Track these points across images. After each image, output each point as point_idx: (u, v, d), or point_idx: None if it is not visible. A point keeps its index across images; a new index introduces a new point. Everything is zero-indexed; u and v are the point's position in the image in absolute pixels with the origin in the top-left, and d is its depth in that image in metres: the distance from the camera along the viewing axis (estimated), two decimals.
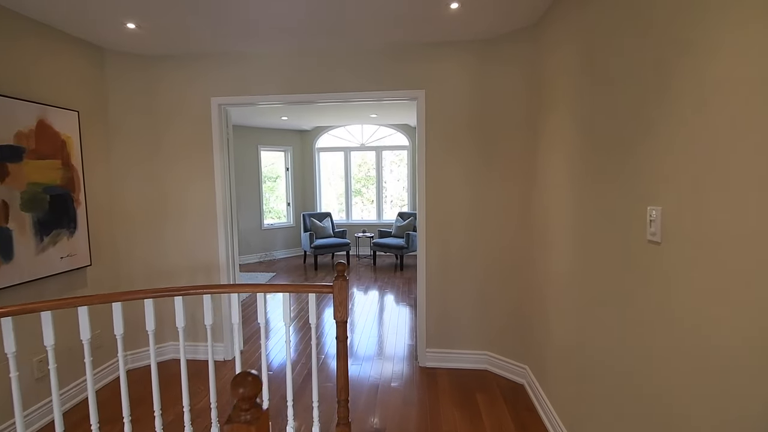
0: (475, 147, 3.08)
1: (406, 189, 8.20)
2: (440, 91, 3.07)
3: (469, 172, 3.11)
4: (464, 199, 3.13)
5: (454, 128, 3.09)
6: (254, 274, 6.49)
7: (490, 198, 3.08)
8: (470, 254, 3.16)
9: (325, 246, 6.83)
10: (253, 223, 7.48)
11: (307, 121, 6.96)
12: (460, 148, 3.10)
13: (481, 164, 3.09)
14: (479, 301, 3.17)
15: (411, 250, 6.78)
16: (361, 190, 8.34)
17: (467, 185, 3.12)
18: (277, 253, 7.83)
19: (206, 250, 3.38)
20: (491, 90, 2.99)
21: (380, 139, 7.95)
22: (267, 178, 7.95)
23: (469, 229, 3.14)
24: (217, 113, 3.26)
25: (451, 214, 3.16)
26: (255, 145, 7.44)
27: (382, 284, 5.89)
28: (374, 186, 8.17)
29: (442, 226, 3.18)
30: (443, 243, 3.19)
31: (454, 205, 3.15)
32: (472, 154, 3.09)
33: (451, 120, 3.08)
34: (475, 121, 3.06)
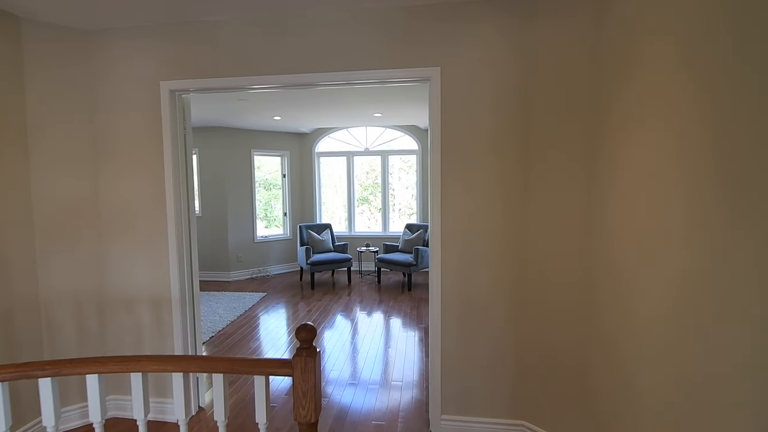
0: (511, 143, 2.28)
1: (415, 197, 7.41)
2: (462, 66, 2.28)
3: (502, 177, 2.31)
4: (494, 215, 2.33)
5: (480, 117, 2.29)
6: (243, 294, 5.73)
7: (532, 214, 2.27)
8: (502, 288, 2.34)
9: (323, 262, 6.05)
10: (244, 235, 6.75)
11: (304, 122, 6.24)
12: (491, 144, 2.30)
13: (520, 167, 2.29)
14: (514, 353, 2.35)
15: (421, 267, 5.96)
16: (368, 197, 7.57)
17: (499, 196, 2.32)
18: (273, 268, 7.08)
19: (153, 276, 2.61)
20: (537, 58, 2.19)
21: (386, 142, 7.20)
22: (271, 185, 7.23)
23: (501, 254, 2.33)
24: (168, 101, 2.51)
25: (475, 235, 2.36)
26: (247, 149, 6.73)
27: (387, 306, 5.08)
28: (380, 194, 7.39)
29: (464, 250, 2.38)
30: (464, 272, 2.38)
31: (479, 222, 2.35)
32: (507, 153, 2.29)
33: (476, 105, 2.29)
34: (513, 106, 2.26)
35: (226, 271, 6.61)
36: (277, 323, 4.60)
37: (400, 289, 6.01)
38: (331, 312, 4.96)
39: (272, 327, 4.47)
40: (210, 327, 4.42)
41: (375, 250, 6.54)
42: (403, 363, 3.50)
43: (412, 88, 4.08)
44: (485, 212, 2.34)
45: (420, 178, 7.09)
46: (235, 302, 5.35)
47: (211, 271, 6.66)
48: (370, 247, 6.61)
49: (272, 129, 6.79)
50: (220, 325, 4.47)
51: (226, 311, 4.96)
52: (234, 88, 2.52)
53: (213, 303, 5.31)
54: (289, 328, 4.40)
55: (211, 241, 6.60)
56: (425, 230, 6.33)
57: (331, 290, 6.01)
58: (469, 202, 2.36)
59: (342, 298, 5.56)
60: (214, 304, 5.24)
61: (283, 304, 5.32)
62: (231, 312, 4.94)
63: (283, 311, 5.03)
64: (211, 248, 6.62)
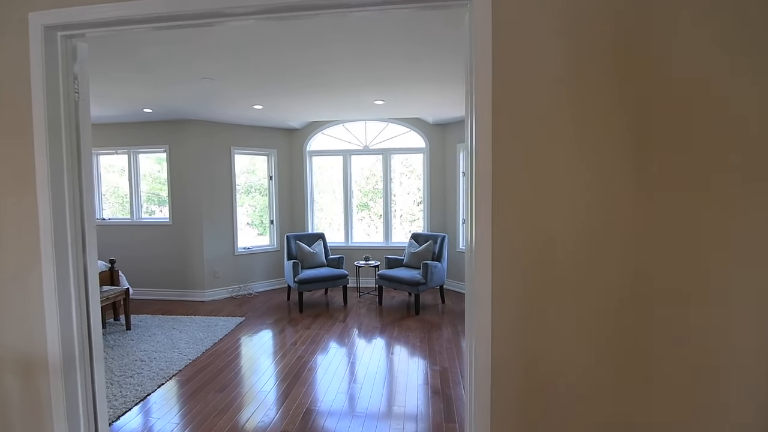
0: (617, 99, 1.32)
1: (419, 204, 6.44)
2: None
3: (605, 155, 1.35)
4: (586, 219, 1.37)
5: (565, 60, 1.34)
6: (215, 320, 4.74)
7: (662, 218, 1.31)
8: (605, 347, 1.37)
9: (314, 280, 5.07)
10: (223, 247, 5.77)
11: (291, 113, 5.29)
12: (581, 99, 1.34)
13: (637, 138, 1.33)
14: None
15: (430, 285, 4.98)
16: (368, 204, 6.61)
17: (598, 187, 1.36)
18: (257, 285, 6.09)
19: (22, 329, 1.64)
20: None
21: (388, 139, 6.25)
22: (257, 189, 6.27)
23: (602, 280, 1.36)
24: (40, 47, 1.56)
25: (550, 250, 1.40)
26: (227, 146, 5.78)
27: (390, 336, 4.10)
28: (381, 200, 6.43)
29: (529, 274, 1.41)
30: (529, 311, 1.41)
31: (563, 225, 1.39)
32: (615, 115, 1.34)
33: (553, 40, 1.34)
34: (624, 36, 1.31)
35: (200, 289, 5.63)
36: (254, 361, 3.61)
37: (405, 311, 5.02)
38: (321, 344, 3.97)
39: (247, 367, 3.49)
40: (164, 368, 3.43)
41: (376, 265, 5.56)
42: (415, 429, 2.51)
43: (422, 67, 3.13)
44: (571, 209, 1.38)
45: (428, 180, 6.13)
46: (204, 331, 4.36)
47: (181, 290, 5.68)
48: (369, 261, 5.63)
49: (256, 123, 5.85)
50: (179, 365, 3.48)
51: (189, 344, 3.97)
52: (164, 20, 1.56)
53: (176, 333, 4.32)
54: (275, 370, 3.41)
55: (182, 254, 5.63)
56: (435, 242, 5.36)
57: (324, 312, 5.03)
58: (542, 194, 1.40)
59: (336, 324, 4.58)
60: (176, 335, 4.25)
61: (264, 333, 4.33)
62: (196, 345, 3.95)
63: (263, 343, 4.05)
64: (182, 262, 5.65)
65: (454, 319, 4.72)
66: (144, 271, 5.74)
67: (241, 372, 3.40)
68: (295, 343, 4.03)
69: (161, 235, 5.68)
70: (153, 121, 5.55)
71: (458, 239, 5.91)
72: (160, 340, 4.10)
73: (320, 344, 3.99)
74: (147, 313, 5.04)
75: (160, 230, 5.68)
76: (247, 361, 3.62)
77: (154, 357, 3.67)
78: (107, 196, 6.00)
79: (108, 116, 5.22)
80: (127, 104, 4.61)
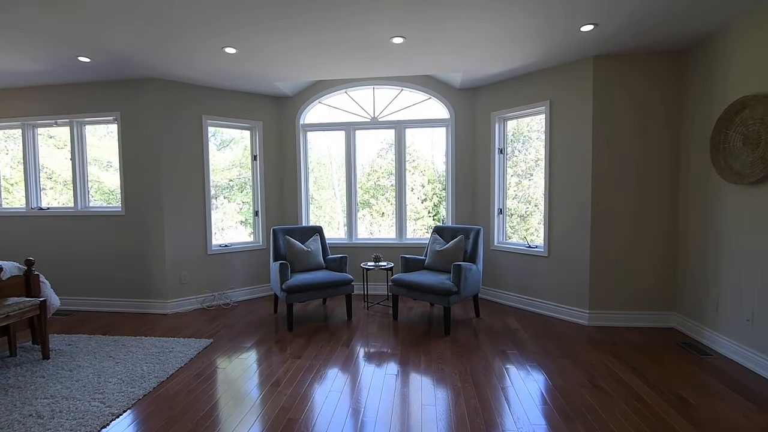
0: None
1: (423, 201, 5.18)
2: None
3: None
4: None
5: None
6: (172, 343, 3.46)
7: None
8: None
9: (308, 287, 3.80)
10: (192, 244, 4.50)
11: (276, 63, 4.02)
12: None
13: None
14: None
15: (464, 295, 3.73)
16: (369, 201, 5.33)
17: None
18: (236, 293, 4.82)
19: None
20: None
21: (402, 109, 4.99)
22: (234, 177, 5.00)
23: None
24: None
25: None
26: (197, 115, 4.51)
27: (416, 368, 2.84)
28: (393, 186, 5.16)
29: None
30: None
31: None
32: None
33: None
34: None
35: (160, 298, 4.36)
36: (211, 419, 2.34)
37: (428, 328, 3.76)
38: (315, 384, 2.71)
39: (200, 431, 2.22)
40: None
41: (388, 267, 4.30)
42: None
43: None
44: None
45: (453, 160, 4.86)
46: (151, 361, 3.08)
47: (137, 300, 4.40)
48: (380, 262, 4.36)
49: (235, 85, 4.57)
50: (94, 425, 2.21)
51: (123, 384, 2.70)
52: None
53: (110, 364, 3.04)
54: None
55: (138, 254, 4.36)
56: (467, 237, 4.09)
57: (322, 329, 3.76)
58: None
59: (337, 350, 3.31)
60: (110, 368, 2.98)
61: (236, 364, 3.06)
62: (132, 386, 2.68)
63: (231, 382, 2.77)
64: (138, 264, 4.37)
65: (498, 341, 3.46)
66: (88, 276, 4.47)
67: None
68: (278, 383, 2.76)
69: (111, 228, 4.40)
70: (99, 81, 4.28)
71: (492, 234, 4.64)
72: (84, 377, 2.83)
73: (314, 384, 2.72)
74: (85, 332, 3.77)
75: (108, 222, 4.41)
76: (200, 419, 2.34)
77: (62, 410, 2.40)
78: (56, 180, 4.71)
79: (36, 72, 3.94)
80: (51, 47, 3.34)
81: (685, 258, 3.61)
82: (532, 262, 4.26)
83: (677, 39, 3.33)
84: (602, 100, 3.70)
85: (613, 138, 3.71)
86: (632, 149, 3.69)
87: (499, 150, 4.58)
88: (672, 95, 3.63)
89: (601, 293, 3.81)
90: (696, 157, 3.45)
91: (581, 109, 3.79)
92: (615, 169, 3.72)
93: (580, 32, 3.15)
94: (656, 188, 3.69)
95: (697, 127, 3.42)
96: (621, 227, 3.75)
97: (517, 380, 2.75)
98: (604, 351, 3.25)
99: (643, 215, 3.72)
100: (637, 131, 3.68)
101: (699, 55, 3.41)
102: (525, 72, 4.15)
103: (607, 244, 3.77)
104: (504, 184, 4.61)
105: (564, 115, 3.92)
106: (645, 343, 3.40)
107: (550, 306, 4.12)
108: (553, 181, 4.04)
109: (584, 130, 3.77)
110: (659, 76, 3.63)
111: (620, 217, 3.74)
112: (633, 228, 3.74)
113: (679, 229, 3.68)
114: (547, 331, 3.71)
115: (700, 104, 3.39)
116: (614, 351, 3.24)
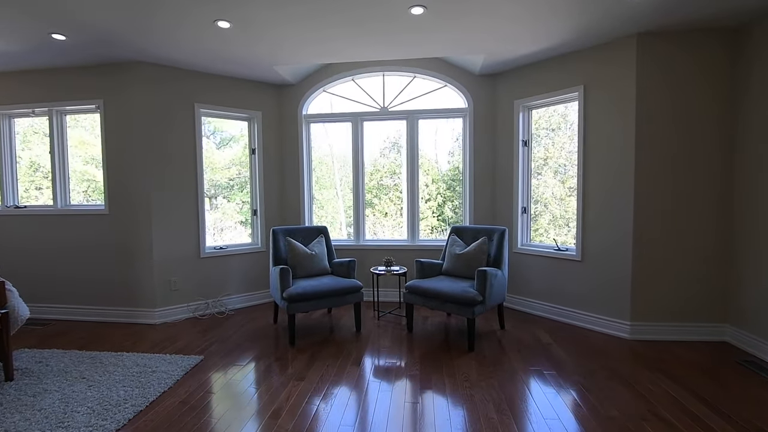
0: None
1: (427, 201, 4.74)
2: None
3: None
4: None
5: None
6: (157, 360, 3.02)
7: None
8: None
9: (312, 295, 3.36)
10: (183, 246, 4.06)
11: (277, 41, 3.58)
12: None
13: None
14: None
15: (489, 304, 3.28)
16: (372, 201, 4.89)
17: None
18: (233, 300, 4.38)
19: None
20: None
21: (414, 99, 4.54)
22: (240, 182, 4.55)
23: None
24: None
25: None
26: (189, 103, 4.07)
27: (441, 391, 2.39)
28: (396, 185, 4.72)
29: None
30: None
31: None
32: None
33: None
34: None
35: (148, 307, 3.92)
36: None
37: (447, 342, 3.31)
38: (322, 415, 2.26)
39: None
40: None
41: (401, 273, 3.85)
42: None
43: None
44: None
45: (471, 153, 4.41)
46: (131, 383, 2.64)
47: (122, 308, 3.97)
48: (392, 267, 3.92)
49: (231, 72, 4.13)
50: None
51: (93, 416, 2.26)
52: None
53: (82, 388, 2.60)
54: None
55: (123, 256, 3.92)
56: (490, 238, 3.65)
57: (328, 343, 3.31)
58: None
59: (347, 369, 2.86)
60: (80, 393, 2.53)
61: (228, 388, 2.62)
62: (104, 417, 2.24)
63: (221, 414, 2.33)
64: (123, 269, 3.94)
65: (530, 358, 3.02)
66: (69, 282, 4.04)
67: None
68: (278, 413, 2.32)
69: (94, 228, 3.97)
70: (79, 65, 3.84)
71: (517, 235, 4.20)
72: (48, 404, 2.39)
73: (321, 416, 2.28)
74: (60, 347, 3.33)
75: (91, 222, 3.98)
76: None
77: None
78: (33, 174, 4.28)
79: (8, 54, 3.51)
80: (17, 21, 2.90)
81: (743, 262, 3.15)
82: (562, 267, 3.81)
83: (735, 12, 2.87)
84: (647, 83, 3.25)
85: (659, 126, 3.25)
86: (681, 139, 3.24)
87: (523, 142, 4.13)
88: (727, 78, 3.18)
89: (644, 302, 3.36)
90: (758, 149, 3.00)
91: (622, 93, 3.34)
92: (661, 162, 3.27)
93: (626, 1, 2.70)
94: (709, 183, 3.24)
95: (760, 114, 2.97)
96: (667, 227, 3.30)
97: (563, 411, 2.30)
98: (655, 370, 2.80)
99: (693, 214, 3.27)
100: (687, 118, 3.22)
101: (762, 33, 2.95)
102: (556, 54, 3.70)
103: (651, 247, 3.32)
104: (529, 180, 4.16)
105: (601, 101, 3.47)
106: (699, 360, 2.95)
107: (583, 316, 3.67)
108: (588, 176, 3.59)
109: (625, 117, 3.32)
110: (712, 56, 3.18)
111: (667, 216, 3.29)
112: (681, 228, 3.28)
113: (735, 230, 3.23)
114: (584, 345, 3.26)
115: (766, 88, 2.94)
116: (667, 371, 2.80)
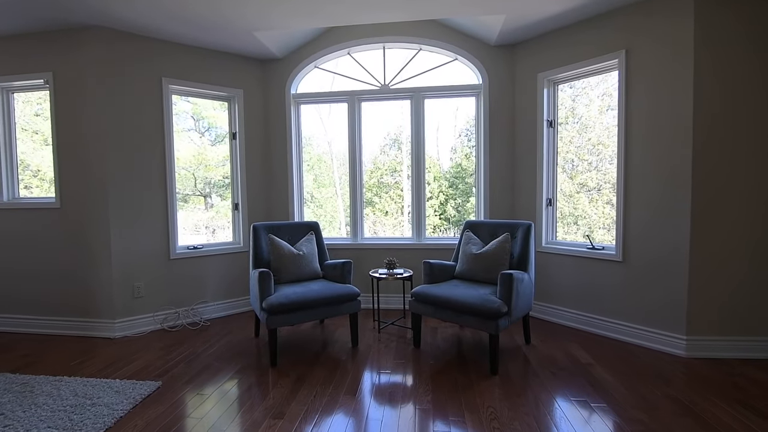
0: None
1: (429, 199, 4.13)
2: None
3: None
4: None
5: None
6: (104, 387, 2.41)
7: None
8: None
9: (296, 305, 2.75)
10: (148, 245, 3.45)
11: (258, 3, 2.97)
12: None
13: None
14: None
15: (515, 316, 2.69)
16: (372, 199, 4.28)
17: None
18: (209, 308, 3.77)
19: None
20: None
21: (419, 75, 3.93)
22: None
23: None
24: None
25: None
26: (155, 78, 3.46)
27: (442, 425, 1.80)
28: (397, 183, 4.11)
29: None
30: None
31: None
32: None
33: None
34: None
35: (107, 317, 3.31)
36: None
37: (463, 361, 2.70)
38: None
39: None
40: None
41: (406, 276, 3.25)
42: None
43: None
44: None
45: (486, 137, 3.81)
46: (57, 424, 2.03)
47: (76, 319, 3.36)
48: (395, 269, 3.31)
49: (207, 42, 3.52)
50: None
51: None
52: None
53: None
54: None
55: (77, 258, 3.31)
56: (513, 234, 3.04)
57: (317, 363, 2.71)
58: None
59: (337, 402, 2.26)
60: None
61: (181, 430, 2.01)
62: None
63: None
64: (75, 273, 3.33)
65: (570, 384, 2.41)
66: (16, 288, 3.43)
67: None
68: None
69: (42, 224, 3.36)
70: (25, 32, 3.23)
71: (541, 231, 3.59)
72: None
73: None
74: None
75: (39, 217, 3.37)
76: None
77: None
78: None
79: None
80: None
81: None
82: (598, 269, 3.21)
83: None
84: (709, 46, 2.64)
85: (726, 100, 2.65)
86: (753, 115, 2.64)
87: (548, 122, 3.53)
88: None
89: (703, 312, 2.76)
90: None
91: (676, 60, 2.74)
92: (727, 145, 2.67)
93: None
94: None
95: None
96: (733, 223, 2.70)
97: None
98: (731, 400, 2.21)
99: (765, 207, 2.67)
100: (763, 89, 2.62)
101: None
102: (591, 13, 3.09)
103: (713, 247, 2.72)
104: (554, 167, 3.55)
105: (648, 69, 2.87)
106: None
107: (625, 328, 3.07)
108: (630, 161, 2.99)
109: (681, 89, 2.72)
110: None
111: (732, 211, 2.69)
112: (749, 224, 2.69)
113: None
114: (632, 366, 2.66)
115: None
116: (745, 400, 2.20)
